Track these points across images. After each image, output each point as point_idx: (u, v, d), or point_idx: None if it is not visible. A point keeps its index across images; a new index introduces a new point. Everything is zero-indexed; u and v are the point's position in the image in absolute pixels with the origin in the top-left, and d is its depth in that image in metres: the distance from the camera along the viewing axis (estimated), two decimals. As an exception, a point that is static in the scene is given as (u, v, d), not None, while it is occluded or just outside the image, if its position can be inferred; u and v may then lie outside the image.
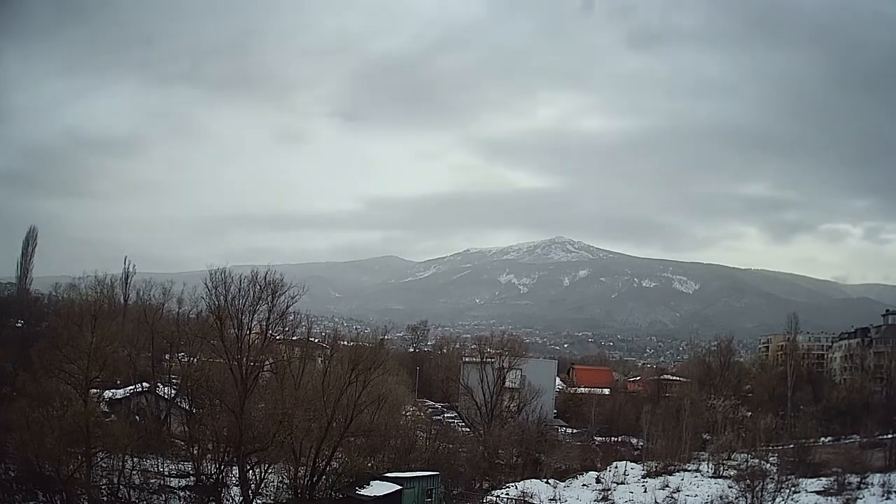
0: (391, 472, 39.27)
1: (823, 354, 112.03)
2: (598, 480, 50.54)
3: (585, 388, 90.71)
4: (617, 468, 53.25)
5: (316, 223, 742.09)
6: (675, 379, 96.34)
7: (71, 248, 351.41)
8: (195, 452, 37.78)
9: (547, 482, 48.23)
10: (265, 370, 42.48)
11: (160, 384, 47.80)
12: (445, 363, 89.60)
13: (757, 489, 39.68)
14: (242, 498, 36.28)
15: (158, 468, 36.98)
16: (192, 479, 37.31)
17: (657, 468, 53.52)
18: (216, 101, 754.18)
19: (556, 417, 75.50)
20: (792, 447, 54.19)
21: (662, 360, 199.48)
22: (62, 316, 44.39)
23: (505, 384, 65.94)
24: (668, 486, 47.98)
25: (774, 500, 39.37)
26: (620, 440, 68.47)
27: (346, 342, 56.04)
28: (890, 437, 56.84)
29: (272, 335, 42.13)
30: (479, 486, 47.92)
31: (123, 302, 64.85)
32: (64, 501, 31.58)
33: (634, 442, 66.76)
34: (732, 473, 48.68)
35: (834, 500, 42.48)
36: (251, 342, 39.93)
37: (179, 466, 38.55)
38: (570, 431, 72.36)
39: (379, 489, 36.64)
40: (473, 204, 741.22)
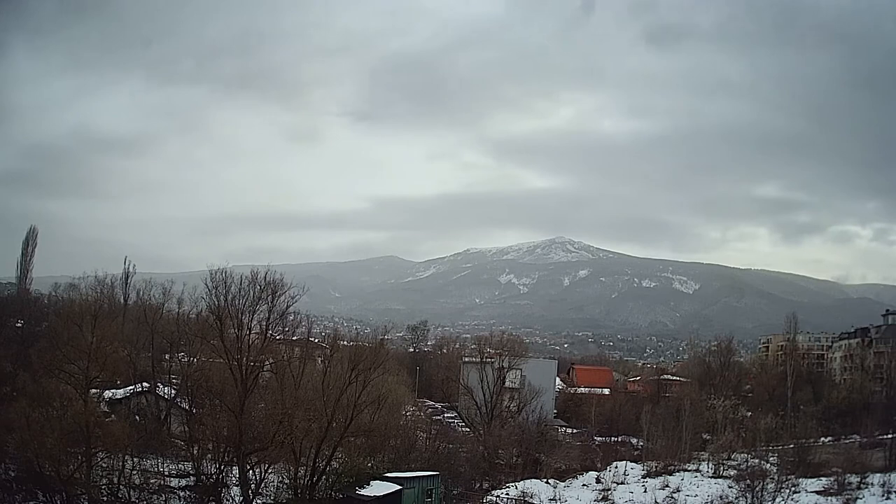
0: (391, 472, 39.29)
1: (823, 354, 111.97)
2: (598, 480, 50.59)
3: (585, 388, 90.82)
4: (617, 468, 53.27)
5: (321, 223, 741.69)
6: (675, 379, 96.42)
7: (71, 248, 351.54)
8: (195, 452, 37.77)
9: (547, 482, 48.24)
10: (265, 370, 42.46)
11: (160, 384, 47.79)
12: (445, 363, 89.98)
13: (757, 489, 39.70)
14: (242, 498, 36.29)
15: (158, 468, 36.95)
16: (192, 479, 37.28)
17: (657, 468, 53.54)
18: (224, 99, 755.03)
19: (556, 417, 75.43)
20: (792, 447, 54.14)
21: (662, 360, 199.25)
22: (62, 316, 44.31)
23: (505, 384, 65.95)
24: (668, 486, 48.01)
25: (774, 500, 39.40)
26: (620, 440, 68.46)
27: (346, 342, 55.94)
28: (890, 437, 56.86)
29: (272, 335, 42.10)
30: (479, 486, 47.93)
31: (123, 302, 64.88)
32: (64, 501, 31.58)
33: (634, 442, 66.75)
34: (732, 473, 48.69)
35: (834, 500, 42.54)
36: (251, 342, 39.90)
37: (179, 466, 38.53)
38: (570, 431, 72.27)
39: (379, 489, 36.66)
40: (480, 204, 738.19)
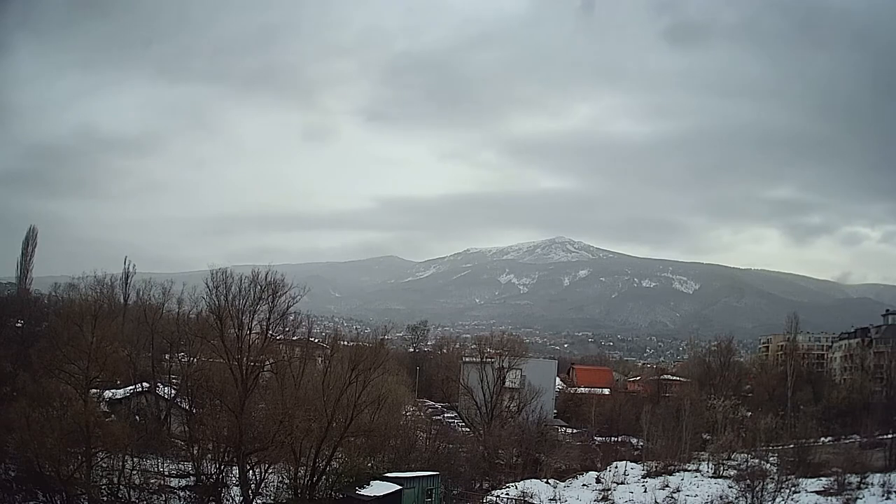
0: (391, 472, 39.30)
1: (823, 354, 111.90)
2: (598, 480, 50.59)
3: (585, 388, 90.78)
4: (617, 468, 53.26)
5: (324, 223, 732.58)
6: (675, 379, 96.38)
7: (72, 248, 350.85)
8: (195, 452, 37.78)
9: (547, 482, 48.24)
10: (265, 370, 42.52)
11: (160, 384, 47.80)
12: (445, 363, 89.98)
13: (757, 489, 39.70)
14: (242, 498, 36.30)
15: (158, 468, 36.97)
16: (192, 479, 37.30)
17: (657, 468, 53.53)
18: (234, 98, 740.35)
19: (556, 417, 75.41)
20: (792, 447, 54.11)
21: (662, 360, 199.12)
22: (62, 316, 44.36)
23: (505, 384, 65.94)
24: (668, 486, 48.01)
25: (774, 500, 39.40)
26: (620, 440, 68.44)
27: (346, 342, 55.91)
28: (890, 437, 56.86)
29: (272, 335, 42.21)
30: (479, 486, 47.93)
31: (123, 302, 64.86)
32: (64, 501, 31.59)
33: (634, 442, 66.73)
34: (732, 473, 48.67)
35: (834, 500, 42.54)
36: (251, 342, 40.00)
37: (179, 466, 38.56)
38: (570, 431, 72.25)
39: (379, 489, 36.67)
40: (487, 205, 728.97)
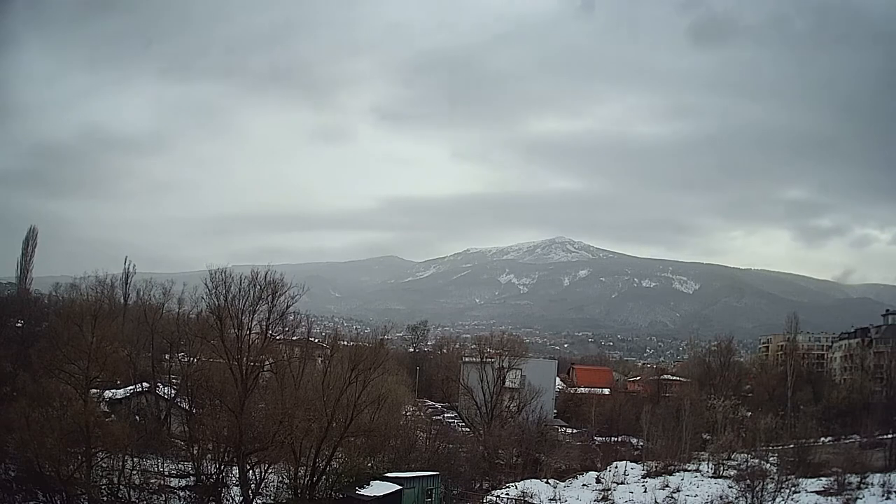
0: (391, 472, 39.30)
1: (823, 354, 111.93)
2: (598, 480, 50.59)
3: (585, 388, 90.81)
4: (617, 468, 53.27)
5: (328, 223, 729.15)
6: (675, 379, 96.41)
7: (73, 248, 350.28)
8: (195, 452, 37.78)
9: (547, 482, 48.25)
10: (265, 370, 42.53)
11: (160, 384, 47.81)
12: (445, 363, 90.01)
13: (757, 489, 39.70)
14: (242, 498, 36.30)
15: (158, 468, 36.97)
16: (192, 479, 37.31)
17: (657, 468, 53.53)
18: (244, 96, 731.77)
19: (556, 417, 75.42)
20: (792, 447, 54.12)
21: (662, 360, 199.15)
22: (62, 316, 44.34)
23: (505, 384, 65.94)
24: (668, 486, 48.01)
25: (774, 500, 39.40)
26: (620, 440, 68.45)
27: (346, 342, 55.97)
28: (890, 437, 56.85)
29: (272, 335, 42.18)
30: (479, 486, 47.94)
31: (123, 302, 64.86)
32: (64, 501, 31.59)
33: (634, 442, 66.73)
34: (732, 473, 48.68)
35: (834, 500, 42.54)
36: (251, 342, 39.98)
37: (179, 466, 38.56)
38: (570, 431, 72.26)
39: (379, 489, 36.66)
40: (496, 206, 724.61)
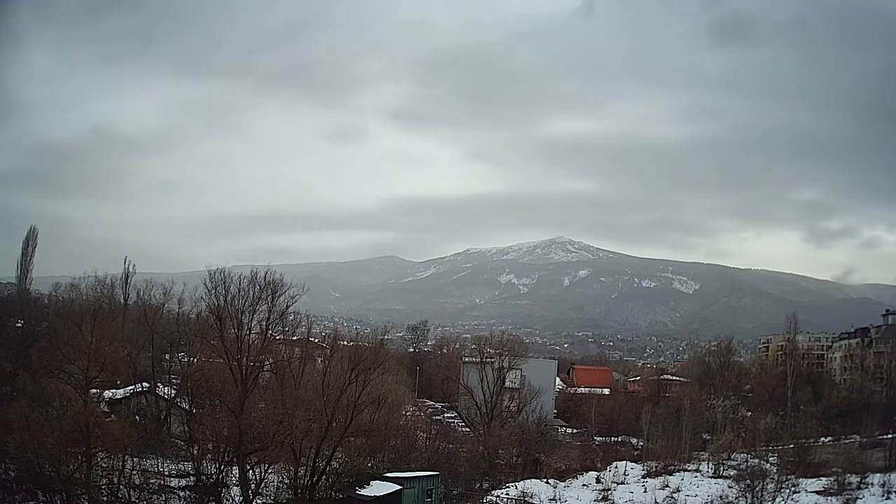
0: (391, 472, 39.31)
1: (823, 354, 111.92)
2: (598, 480, 50.59)
3: (585, 388, 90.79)
4: (617, 468, 53.26)
5: (328, 223, 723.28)
6: (675, 379, 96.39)
7: (75, 248, 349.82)
8: (195, 452, 37.78)
9: (547, 482, 48.25)
10: (265, 370, 42.54)
11: (160, 384, 47.81)
12: (445, 363, 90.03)
13: (757, 489, 39.70)
14: (242, 498, 36.31)
15: (158, 468, 36.96)
16: (192, 479, 37.31)
17: (657, 468, 53.53)
18: (255, 95, 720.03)
19: (556, 417, 75.42)
20: (792, 447, 54.12)
21: (662, 360, 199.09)
22: (62, 316, 44.39)
23: (505, 384, 65.95)
24: (668, 486, 48.01)
25: (774, 500, 39.40)
26: (620, 440, 68.44)
27: (346, 342, 56.03)
28: (890, 437, 56.85)
29: (272, 335, 42.19)
30: (479, 486, 47.94)
31: (123, 302, 64.77)
32: (64, 501, 31.59)
33: (634, 442, 66.73)
34: (732, 473, 48.67)
35: (834, 500, 42.53)
36: (251, 342, 39.97)
37: (179, 466, 38.55)
38: (570, 431, 72.26)
39: (379, 489, 36.67)
40: (502, 206, 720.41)
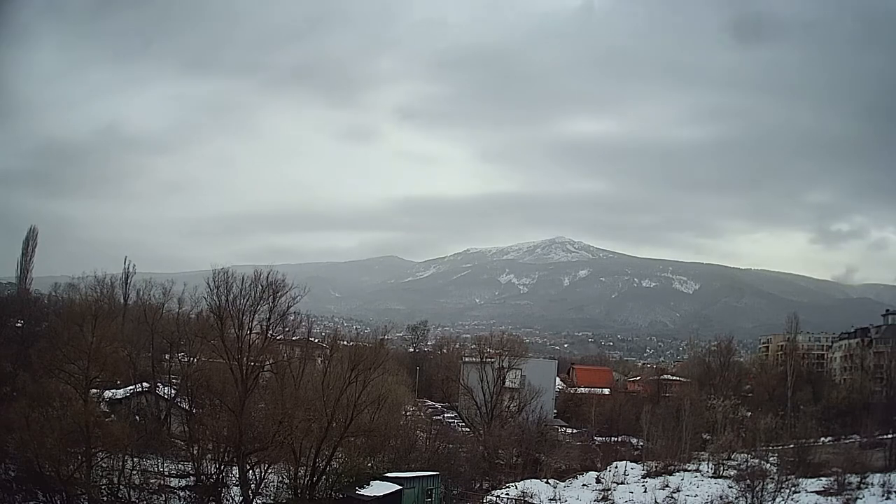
0: (391, 472, 39.31)
1: (823, 354, 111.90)
2: (598, 480, 50.59)
3: (585, 388, 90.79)
4: (617, 468, 53.26)
5: (329, 223, 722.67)
6: (675, 379, 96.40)
7: (75, 248, 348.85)
8: (195, 452, 37.78)
9: (547, 482, 48.25)
10: (265, 370, 42.54)
11: (160, 384, 47.83)
12: (445, 363, 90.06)
13: (757, 489, 39.70)
14: (242, 498, 36.31)
15: (158, 468, 36.98)
16: (192, 479, 37.31)
17: (657, 468, 53.53)
18: (264, 94, 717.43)
19: (556, 417, 75.42)
20: (792, 447, 54.14)
21: (662, 360, 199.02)
22: (62, 316, 44.52)
23: (505, 384, 65.93)
24: (668, 486, 48.01)
25: (774, 500, 39.41)
26: (620, 440, 68.44)
27: (346, 342, 56.01)
28: (890, 437, 56.86)
29: (272, 335, 42.24)
30: (479, 486, 47.94)
31: (123, 302, 64.77)
32: (64, 501, 31.60)
33: (634, 442, 66.73)
34: (732, 473, 48.67)
35: (834, 500, 42.54)
36: (251, 342, 40.02)
37: (179, 466, 38.58)
38: (570, 431, 72.26)
39: (379, 489, 36.68)
40: (507, 207, 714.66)
